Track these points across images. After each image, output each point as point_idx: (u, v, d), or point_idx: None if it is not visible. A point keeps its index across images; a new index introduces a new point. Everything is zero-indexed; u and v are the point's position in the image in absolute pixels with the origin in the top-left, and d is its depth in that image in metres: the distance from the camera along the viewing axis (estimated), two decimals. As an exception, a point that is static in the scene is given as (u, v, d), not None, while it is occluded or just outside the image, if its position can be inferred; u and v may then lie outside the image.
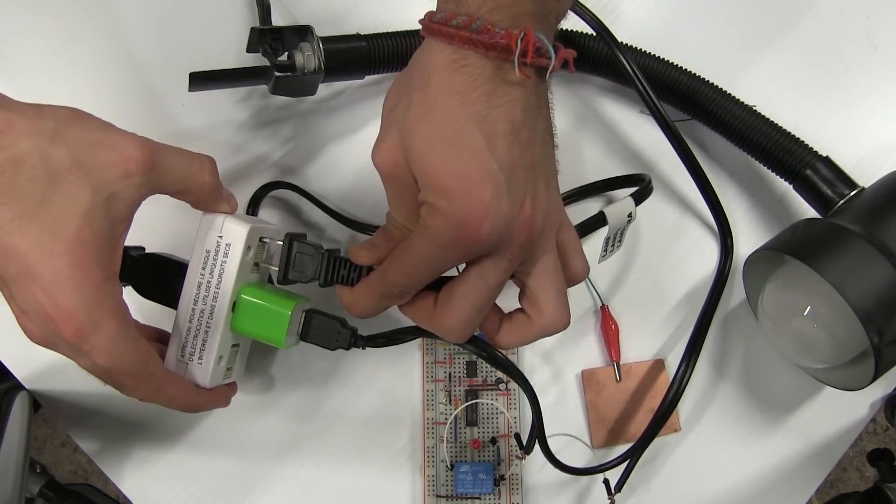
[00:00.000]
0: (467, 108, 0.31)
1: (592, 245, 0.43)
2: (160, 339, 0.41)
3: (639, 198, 0.44)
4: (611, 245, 0.44)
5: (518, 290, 0.37)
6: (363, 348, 0.40)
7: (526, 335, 0.36)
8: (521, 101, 0.32)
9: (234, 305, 0.38)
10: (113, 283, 0.34)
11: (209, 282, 0.38)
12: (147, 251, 0.40)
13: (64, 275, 0.32)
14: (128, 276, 0.39)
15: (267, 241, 0.39)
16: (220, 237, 0.37)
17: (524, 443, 0.43)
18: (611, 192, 0.49)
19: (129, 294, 0.40)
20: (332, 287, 0.38)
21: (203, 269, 0.38)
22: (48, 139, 0.32)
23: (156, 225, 0.43)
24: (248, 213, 0.46)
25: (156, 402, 0.37)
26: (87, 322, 0.32)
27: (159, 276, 0.39)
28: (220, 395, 0.41)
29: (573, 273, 0.37)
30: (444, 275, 0.35)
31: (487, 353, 0.39)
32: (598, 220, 0.42)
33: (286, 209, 0.48)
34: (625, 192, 0.48)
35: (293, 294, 0.40)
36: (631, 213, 0.43)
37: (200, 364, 0.38)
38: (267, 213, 0.47)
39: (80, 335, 0.32)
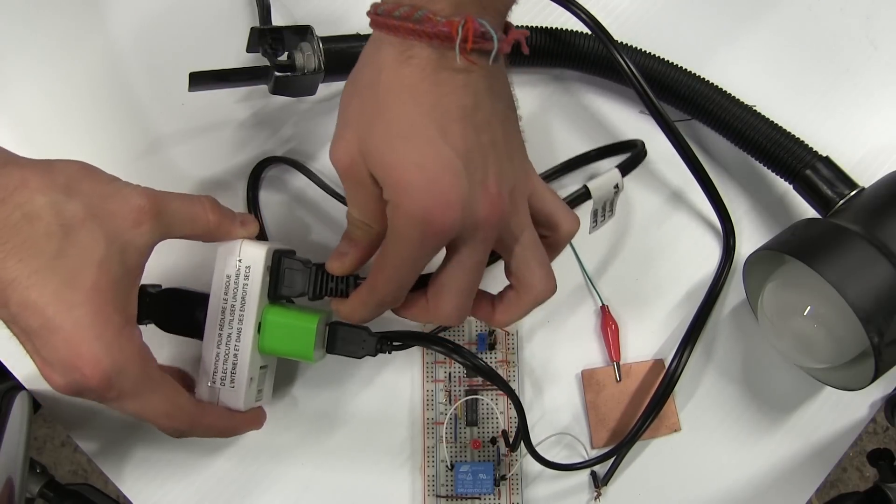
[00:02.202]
0: (417, 101, 0.32)
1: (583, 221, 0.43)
2: (182, 377, 0.42)
3: (627, 167, 0.44)
4: (600, 216, 0.44)
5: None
6: (389, 353, 0.41)
7: (519, 310, 0.37)
8: (472, 87, 0.32)
9: (258, 326, 0.39)
10: (132, 328, 0.35)
11: (233, 306, 0.38)
12: (164, 287, 0.41)
13: (85, 323, 0.33)
14: (149, 313, 0.39)
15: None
16: (240, 261, 0.38)
17: (510, 441, 0.44)
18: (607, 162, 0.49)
19: (152, 331, 0.40)
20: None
21: (225, 294, 0.38)
22: (62, 194, 0.33)
23: (168, 261, 0.44)
24: (248, 194, 0.47)
25: (192, 434, 0.38)
26: (111, 368, 0.33)
27: (180, 309, 0.40)
28: (254, 418, 0.42)
29: (564, 230, 0.38)
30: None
31: (471, 363, 0.40)
32: (583, 195, 0.42)
33: (286, 195, 0.48)
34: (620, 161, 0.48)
35: (315, 309, 0.40)
36: (618, 185, 0.43)
37: (233, 388, 0.39)
38: (266, 197, 0.47)
39: (104, 382, 0.33)
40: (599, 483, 0.45)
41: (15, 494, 0.40)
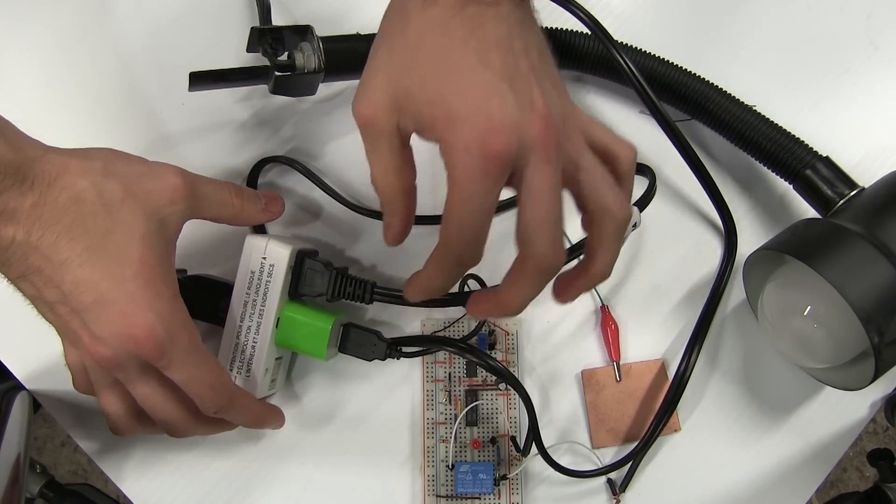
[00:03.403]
0: (450, 35, 0.31)
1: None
2: None
3: (643, 202, 0.44)
4: None
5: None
6: (398, 359, 0.42)
7: (606, 241, 0.34)
8: (503, 17, 0.32)
9: (277, 321, 0.41)
10: (179, 300, 0.36)
11: (255, 300, 0.40)
12: (189, 273, 0.43)
13: (138, 296, 0.34)
14: None
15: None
16: (265, 259, 0.40)
17: (521, 446, 0.44)
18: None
19: None
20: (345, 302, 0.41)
21: (248, 288, 0.40)
22: (101, 176, 0.35)
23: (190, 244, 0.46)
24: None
25: (227, 413, 0.39)
26: (164, 336, 0.34)
27: (204, 295, 0.42)
28: (277, 414, 0.43)
29: (623, 158, 0.36)
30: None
31: (485, 362, 0.41)
32: None
33: (285, 194, 0.48)
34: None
35: (332, 309, 0.42)
36: (636, 223, 0.43)
37: (248, 377, 0.41)
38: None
39: (158, 349, 0.34)
40: (617, 490, 0.45)
41: (15, 494, 0.40)
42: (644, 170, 0.47)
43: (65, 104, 0.48)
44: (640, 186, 0.47)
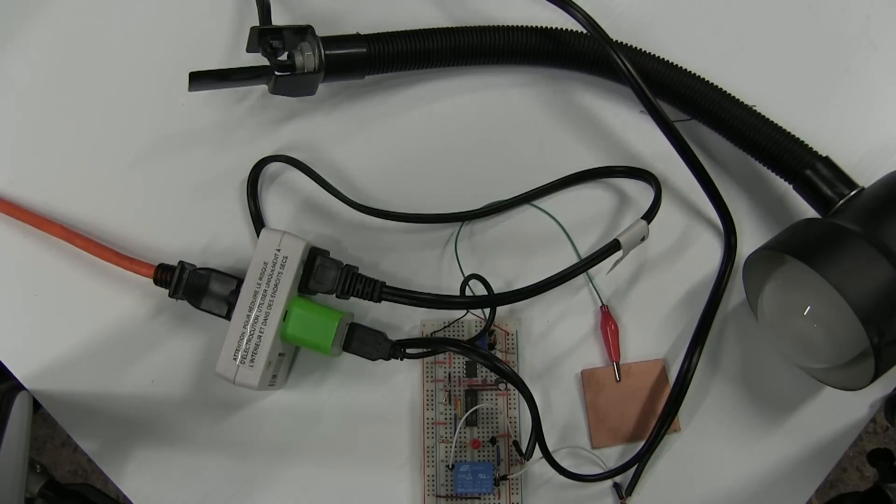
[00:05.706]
0: None
1: (605, 262, 0.43)
2: None
3: (650, 214, 0.44)
4: (620, 260, 0.45)
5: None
6: (402, 360, 0.42)
7: None
8: None
9: (285, 314, 0.41)
10: None
11: (265, 291, 0.41)
12: (199, 267, 0.44)
13: None
14: (184, 290, 0.43)
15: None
16: (279, 251, 0.41)
17: (524, 450, 0.44)
18: (613, 182, 0.49)
19: (184, 308, 0.44)
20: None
21: (260, 279, 0.41)
22: None
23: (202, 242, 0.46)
24: (247, 190, 0.47)
25: None
26: None
27: (213, 289, 0.43)
28: None
29: None
30: None
31: (490, 363, 0.41)
32: (613, 247, 0.43)
33: (286, 194, 0.48)
34: (626, 182, 0.49)
35: (339, 309, 0.43)
36: (644, 236, 0.44)
37: (251, 367, 0.41)
38: (266, 196, 0.47)
39: None
40: (623, 493, 0.45)
41: (15, 494, 0.40)
42: (649, 178, 0.47)
43: (63, 105, 0.48)
44: (645, 196, 0.47)
